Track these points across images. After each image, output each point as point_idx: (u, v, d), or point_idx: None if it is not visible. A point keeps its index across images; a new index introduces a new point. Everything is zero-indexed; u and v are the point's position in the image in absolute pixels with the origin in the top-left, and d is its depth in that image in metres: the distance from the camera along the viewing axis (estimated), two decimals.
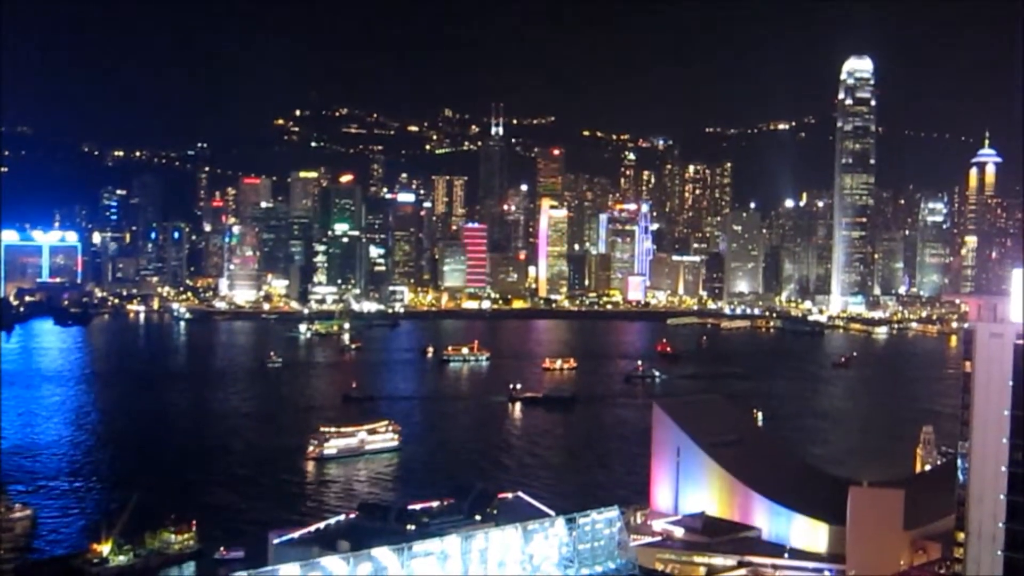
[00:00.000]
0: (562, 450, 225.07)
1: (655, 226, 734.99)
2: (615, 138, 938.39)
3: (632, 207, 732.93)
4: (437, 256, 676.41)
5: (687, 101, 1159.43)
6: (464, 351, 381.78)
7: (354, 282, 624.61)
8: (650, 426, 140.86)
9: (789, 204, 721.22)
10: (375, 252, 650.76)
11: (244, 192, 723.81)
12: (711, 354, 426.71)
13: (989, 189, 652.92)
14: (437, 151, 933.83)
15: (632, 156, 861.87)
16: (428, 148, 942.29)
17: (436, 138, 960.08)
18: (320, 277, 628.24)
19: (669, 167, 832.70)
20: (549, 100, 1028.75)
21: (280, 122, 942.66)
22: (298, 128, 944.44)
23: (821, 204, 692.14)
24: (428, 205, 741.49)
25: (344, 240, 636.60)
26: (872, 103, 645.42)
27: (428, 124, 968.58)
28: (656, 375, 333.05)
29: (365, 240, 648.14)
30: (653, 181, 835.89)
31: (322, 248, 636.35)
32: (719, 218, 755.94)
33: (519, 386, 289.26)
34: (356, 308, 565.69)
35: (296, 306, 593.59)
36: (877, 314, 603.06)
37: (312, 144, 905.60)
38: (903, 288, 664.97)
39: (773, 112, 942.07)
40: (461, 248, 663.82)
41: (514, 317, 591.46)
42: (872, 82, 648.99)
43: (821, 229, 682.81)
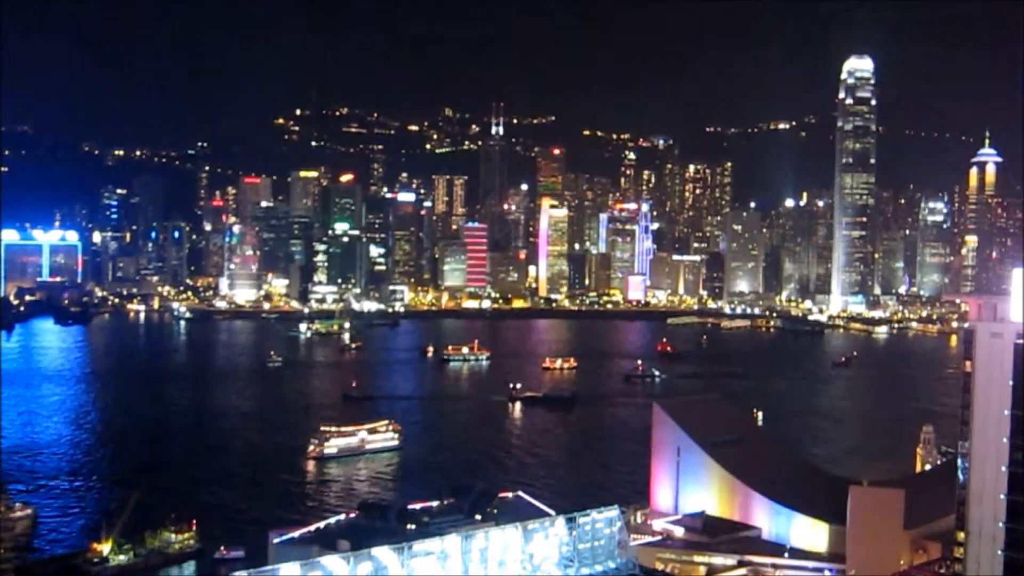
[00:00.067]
0: (562, 449, 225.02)
1: (655, 225, 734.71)
2: (615, 137, 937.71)
3: (632, 206, 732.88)
4: (437, 255, 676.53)
5: (687, 100, 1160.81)
6: (464, 350, 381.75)
7: (354, 281, 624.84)
8: (650, 425, 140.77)
9: (789, 203, 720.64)
10: (375, 251, 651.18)
11: (244, 191, 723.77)
12: (711, 353, 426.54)
13: (989, 189, 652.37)
14: (437, 150, 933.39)
15: (632, 155, 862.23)
16: (428, 147, 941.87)
17: (436, 137, 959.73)
18: (320, 276, 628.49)
19: (669, 166, 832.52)
20: (549, 100, 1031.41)
21: (280, 121, 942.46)
22: (298, 127, 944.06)
23: (821, 204, 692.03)
24: (428, 204, 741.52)
25: (344, 239, 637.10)
26: (872, 102, 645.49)
27: (428, 123, 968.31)
28: (656, 374, 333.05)
29: (365, 239, 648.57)
30: (653, 180, 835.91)
31: (322, 247, 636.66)
32: (719, 217, 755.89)
33: (519, 385, 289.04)
34: (356, 307, 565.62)
35: (296, 305, 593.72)
36: (877, 314, 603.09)
37: (312, 143, 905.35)
38: (903, 288, 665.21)
39: (773, 112, 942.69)
40: (461, 247, 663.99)
41: (514, 316, 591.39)
42: (872, 81, 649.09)
43: (821, 229, 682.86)
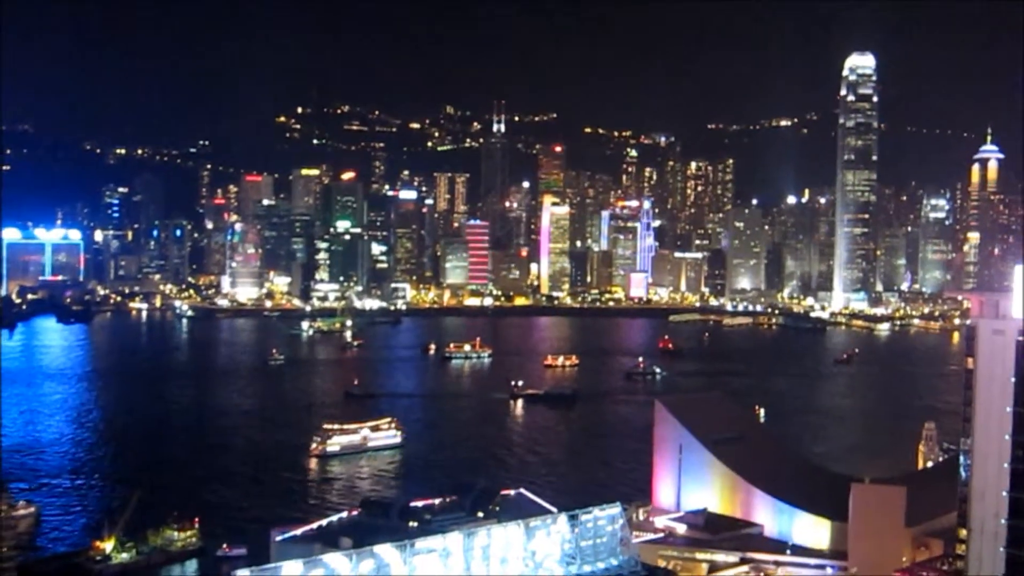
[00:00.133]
0: (564, 447, 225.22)
1: (657, 223, 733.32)
2: (617, 135, 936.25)
3: (634, 204, 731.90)
4: (439, 253, 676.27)
5: (689, 98, 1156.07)
6: (466, 348, 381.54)
7: (356, 279, 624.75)
8: (652, 423, 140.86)
9: (791, 200, 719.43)
10: (377, 249, 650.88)
11: (246, 189, 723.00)
12: (713, 351, 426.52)
13: (991, 185, 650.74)
14: (439, 148, 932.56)
15: (634, 153, 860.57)
16: (430, 145, 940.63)
17: (438, 135, 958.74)
18: (322, 274, 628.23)
19: (671, 164, 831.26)
20: (551, 97, 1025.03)
21: (282, 119, 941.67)
22: (300, 125, 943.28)
23: (823, 200, 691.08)
24: (430, 202, 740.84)
25: (346, 237, 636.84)
26: (874, 99, 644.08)
27: (430, 121, 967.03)
28: (657, 372, 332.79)
29: (367, 237, 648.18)
30: (655, 178, 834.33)
31: (324, 245, 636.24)
32: (721, 215, 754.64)
33: (521, 383, 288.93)
34: (358, 305, 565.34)
35: (298, 303, 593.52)
36: (879, 310, 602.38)
37: (314, 141, 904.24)
38: (905, 284, 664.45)
39: (775, 108, 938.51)
40: (463, 245, 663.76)
41: (516, 314, 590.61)
42: (874, 78, 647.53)
43: (823, 226, 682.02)
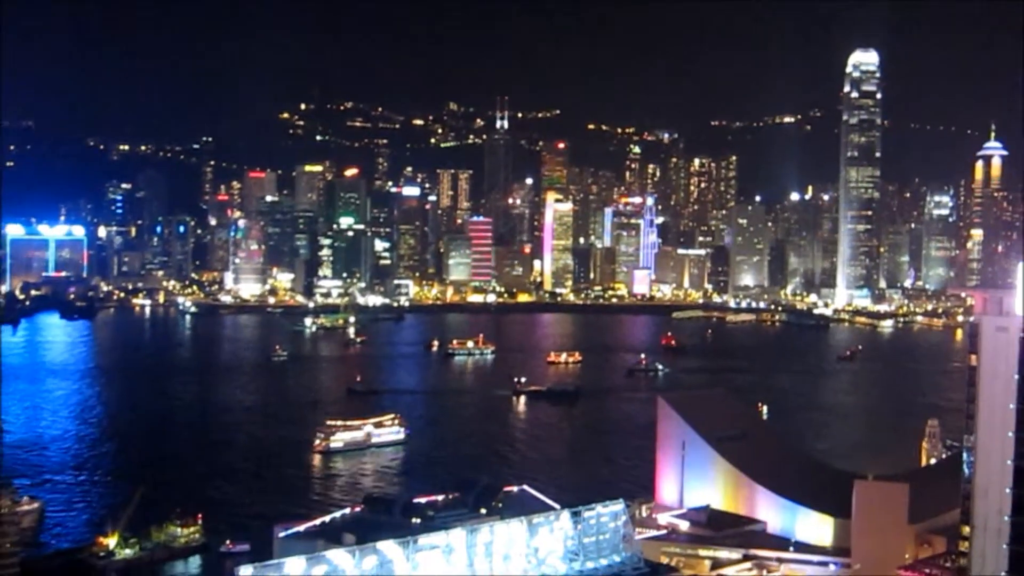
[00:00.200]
0: (567, 444, 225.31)
1: (660, 219, 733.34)
2: (620, 131, 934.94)
3: (637, 200, 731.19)
4: (442, 250, 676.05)
5: (692, 94, 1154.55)
6: (469, 345, 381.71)
7: (359, 276, 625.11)
8: (655, 420, 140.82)
9: (794, 197, 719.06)
10: (380, 246, 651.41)
11: (249, 186, 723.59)
12: (716, 348, 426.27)
13: (995, 182, 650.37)
14: (442, 144, 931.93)
15: (637, 149, 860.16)
16: (433, 141, 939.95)
17: (441, 131, 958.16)
18: (325, 271, 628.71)
19: (674, 160, 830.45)
20: (554, 94, 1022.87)
21: (285, 116, 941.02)
22: (303, 122, 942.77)
23: (826, 197, 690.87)
24: (433, 199, 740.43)
25: (349, 234, 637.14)
26: (878, 96, 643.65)
27: (433, 118, 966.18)
28: (660, 368, 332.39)
29: (370, 234, 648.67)
30: (658, 174, 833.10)
31: (327, 242, 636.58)
32: (724, 211, 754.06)
33: (524, 380, 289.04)
34: (361, 302, 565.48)
35: (301, 300, 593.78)
36: (882, 307, 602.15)
37: (317, 138, 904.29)
38: (908, 281, 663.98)
39: (778, 105, 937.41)
40: (466, 242, 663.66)
41: (519, 311, 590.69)
42: (878, 75, 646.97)
43: (826, 222, 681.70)
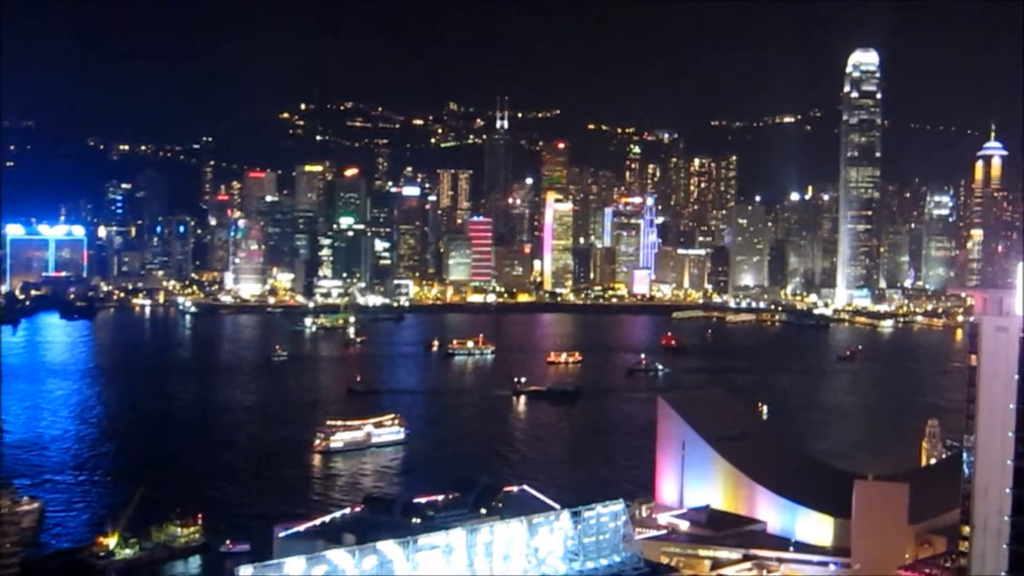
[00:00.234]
0: (567, 443, 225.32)
1: (660, 219, 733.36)
2: (620, 131, 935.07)
3: (637, 200, 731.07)
4: (442, 250, 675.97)
5: (692, 94, 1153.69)
6: (469, 345, 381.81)
7: (359, 276, 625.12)
8: (654, 420, 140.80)
9: (794, 197, 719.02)
10: (380, 246, 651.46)
11: (249, 186, 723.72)
12: (716, 348, 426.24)
13: (995, 182, 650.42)
14: (442, 144, 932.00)
15: (637, 149, 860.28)
16: (433, 141, 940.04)
17: (441, 131, 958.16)
18: (325, 271, 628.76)
19: (674, 160, 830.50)
20: (554, 94, 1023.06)
21: (285, 116, 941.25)
22: (303, 122, 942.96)
23: (826, 197, 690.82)
24: (433, 199, 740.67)
25: (349, 234, 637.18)
26: (878, 96, 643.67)
27: (433, 118, 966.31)
28: (659, 368, 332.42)
29: (370, 234, 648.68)
30: (658, 174, 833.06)
31: (327, 242, 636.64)
32: (724, 211, 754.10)
33: (524, 380, 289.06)
34: (361, 302, 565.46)
35: (301, 300, 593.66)
36: (882, 307, 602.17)
37: (317, 138, 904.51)
38: (908, 281, 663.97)
39: (778, 105, 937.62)
40: (466, 242, 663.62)
41: (519, 311, 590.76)
42: (878, 75, 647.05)
43: (826, 222, 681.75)
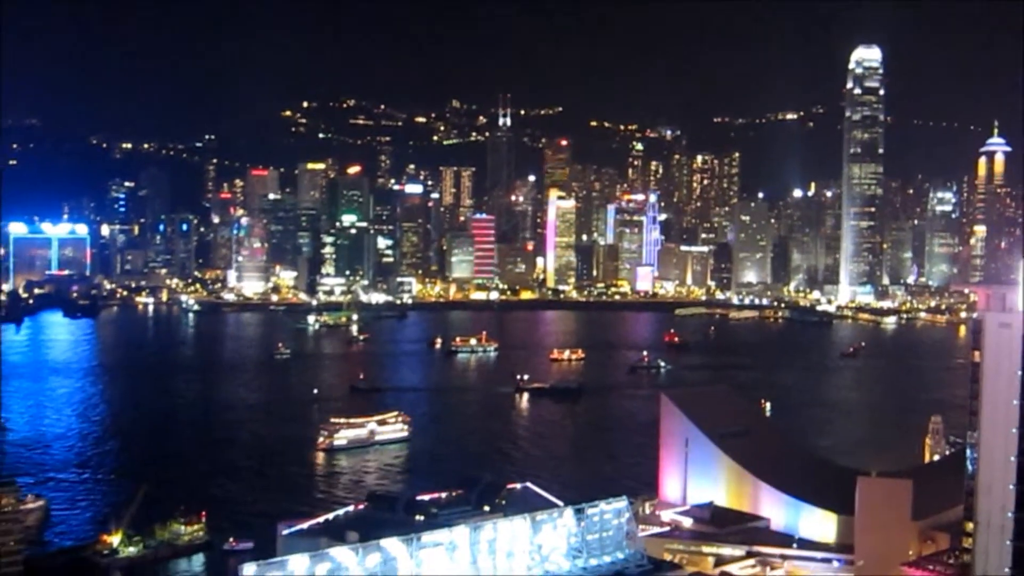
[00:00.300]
0: (570, 441, 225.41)
1: (663, 216, 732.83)
2: (623, 128, 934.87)
3: (640, 197, 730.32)
4: (445, 247, 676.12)
5: (694, 91, 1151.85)
6: (472, 342, 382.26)
7: (362, 273, 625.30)
8: (657, 417, 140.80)
9: (797, 194, 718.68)
10: (383, 243, 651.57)
11: (252, 184, 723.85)
12: (719, 344, 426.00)
13: (998, 178, 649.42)
14: (445, 142, 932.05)
15: (640, 146, 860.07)
16: (436, 139, 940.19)
17: (444, 129, 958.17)
18: (328, 268, 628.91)
19: (677, 157, 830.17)
20: (556, 91, 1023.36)
21: (287, 114, 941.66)
22: (305, 120, 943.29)
23: (829, 194, 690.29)
24: (436, 196, 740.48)
25: (352, 231, 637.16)
26: (881, 92, 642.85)
27: (436, 115, 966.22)
28: (661, 365, 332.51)
29: (373, 231, 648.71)
30: (661, 171, 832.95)
31: (330, 239, 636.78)
32: (727, 208, 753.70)
33: (526, 377, 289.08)
34: (364, 299, 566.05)
35: (304, 297, 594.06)
36: (885, 304, 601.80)
37: (319, 135, 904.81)
38: (912, 278, 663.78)
39: (781, 102, 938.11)
40: (469, 239, 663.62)
41: (522, 308, 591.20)
42: (881, 71, 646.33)
43: (829, 219, 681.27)
